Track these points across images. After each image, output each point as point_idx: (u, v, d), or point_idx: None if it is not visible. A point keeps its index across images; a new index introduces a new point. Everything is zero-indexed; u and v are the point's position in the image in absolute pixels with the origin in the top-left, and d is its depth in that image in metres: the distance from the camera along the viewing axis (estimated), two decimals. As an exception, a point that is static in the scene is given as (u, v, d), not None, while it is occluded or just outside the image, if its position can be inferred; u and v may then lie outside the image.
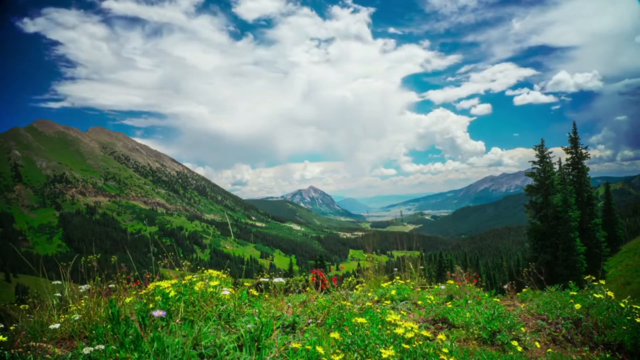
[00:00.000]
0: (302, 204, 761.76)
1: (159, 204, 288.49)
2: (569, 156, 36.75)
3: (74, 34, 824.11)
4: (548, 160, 33.04)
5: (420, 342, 2.74)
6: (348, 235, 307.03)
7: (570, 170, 36.68)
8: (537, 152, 33.24)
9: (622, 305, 4.15)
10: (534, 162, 33.41)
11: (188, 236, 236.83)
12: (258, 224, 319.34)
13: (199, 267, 4.19)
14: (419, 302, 5.11)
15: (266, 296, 3.96)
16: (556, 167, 34.38)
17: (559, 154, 36.53)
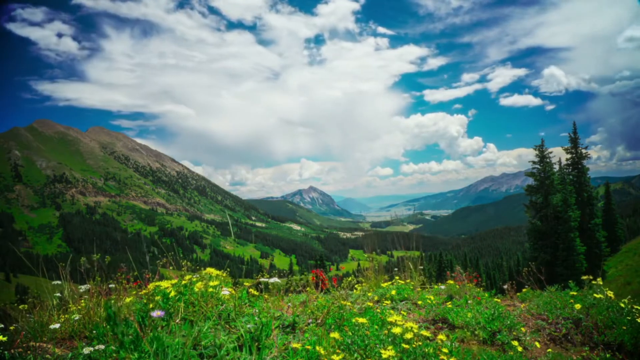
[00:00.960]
0: (302, 204, 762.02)
1: (159, 204, 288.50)
2: (569, 156, 36.74)
3: (45, 32, 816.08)
4: (548, 160, 33.01)
5: (420, 342, 2.74)
6: (348, 235, 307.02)
7: (570, 170, 36.66)
8: (537, 152, 33.21)
9: (622, 305, 4.15)
10: (534, 162, 33.39)
11: (188, 236, 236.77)
12: (258, 224, 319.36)
13: (198, 267, 4.19)
14: (419, 302, 5.11)
15: (266, 296, 3.96)
16: (556, 167, 34.38)
17: (558, 154, 36.55)
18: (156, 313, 2.27)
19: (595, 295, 4.44)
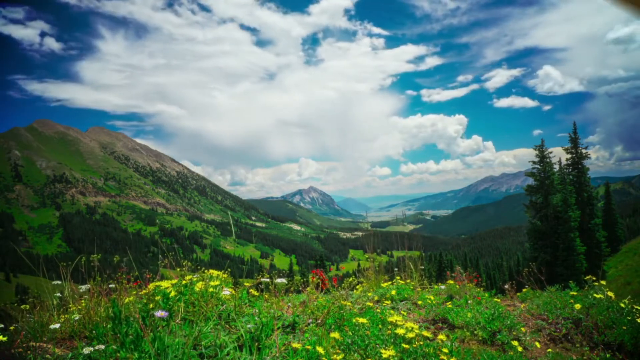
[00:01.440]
0: (302, 204, 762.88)
1: (159, 204, 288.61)
2: (569, 156, 36.73)
3: (27, 31, 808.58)
4: (548, 160, 33.03)
5: (421, 342, 2.75)
6: (348, 235, 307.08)
7: (570, 170, 36.65)
8: (537, 152, 33.23)
9: (623, 305, 4.15)
10: (533, 162, 33.41)
11: (188, 236, 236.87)
12: (258, 224, 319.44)
13: (199, 267, 4.19)
14: (419, 302, 5.11)
15: (266, 296, 3.96)
16: (556, 167, 34.39)
17: (558, 154, 36.53)
18: (159, 313, 2.27)
19: (595, 295, 4.45)
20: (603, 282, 4.83)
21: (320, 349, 2.41)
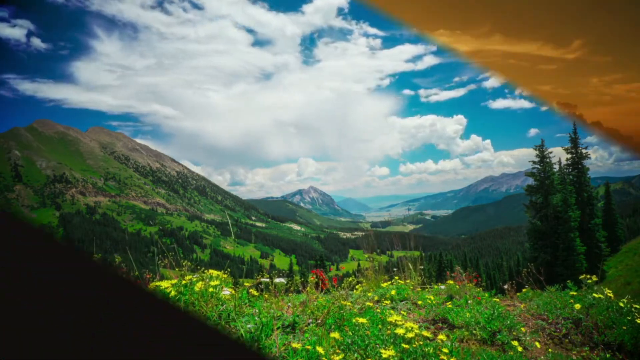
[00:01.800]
0: (302, 204, 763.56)
1: (159, 204, 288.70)
2: (569, 156, 36.73)
3: (14, 31, 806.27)
4: (548, 160, 33.06)
5: (421, 342, 2.75)
6: (348, 235, 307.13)
7: (570, 170, 36.66)
8: (537, 152, 33.27)
9: (622, 305, 4.16)
10: (534, 162, 33.43)
11: (188, 236, 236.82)
12: (258, 224, 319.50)
13: (199, 267, 4.19)
14: (419, 302, 5.11)
15: (266, 296, 3.96)
16: (556, 167, 34.41)
17: (558, 154, 36.53)
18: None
19: (595, 295, 4.45)
20: (595, 278, 4.83)
21: (320, 349, 2.41)
